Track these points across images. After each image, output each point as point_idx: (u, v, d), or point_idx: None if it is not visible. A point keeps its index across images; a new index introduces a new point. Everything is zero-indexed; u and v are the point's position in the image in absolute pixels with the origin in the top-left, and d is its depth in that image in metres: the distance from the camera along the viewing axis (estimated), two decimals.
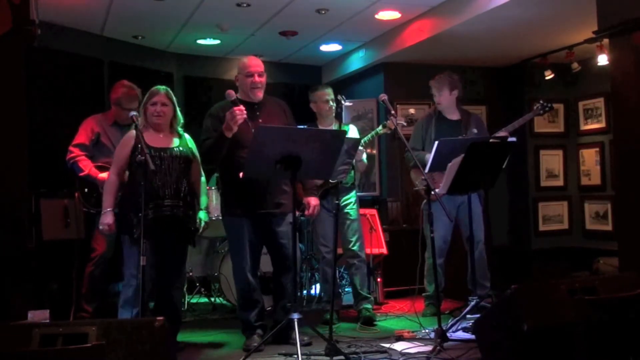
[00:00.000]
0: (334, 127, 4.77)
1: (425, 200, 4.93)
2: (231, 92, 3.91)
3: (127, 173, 3.96)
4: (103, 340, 2.42)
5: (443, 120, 4.98)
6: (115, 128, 4.67)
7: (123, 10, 5.51)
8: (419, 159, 4.57)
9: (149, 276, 3.66)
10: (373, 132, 4.81)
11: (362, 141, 4.82)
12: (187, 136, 4.07)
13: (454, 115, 5.00)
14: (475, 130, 4.89)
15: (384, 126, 4.64)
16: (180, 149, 3.93)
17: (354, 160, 4.60)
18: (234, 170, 3.96)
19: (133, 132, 3.89)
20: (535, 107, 4.99)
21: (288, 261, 3.98)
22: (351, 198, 4.82)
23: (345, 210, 4.77)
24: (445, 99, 4.96)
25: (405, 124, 4.76)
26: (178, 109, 4.01)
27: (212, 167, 5.26)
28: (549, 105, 4.93)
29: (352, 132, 4.85)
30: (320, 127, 4.73)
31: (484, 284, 4.79)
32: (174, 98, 3.99)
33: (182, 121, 4.03)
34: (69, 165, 4.61)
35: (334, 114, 4.77)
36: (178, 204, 3.85)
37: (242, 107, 3.84)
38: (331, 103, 4.72)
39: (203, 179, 4.20)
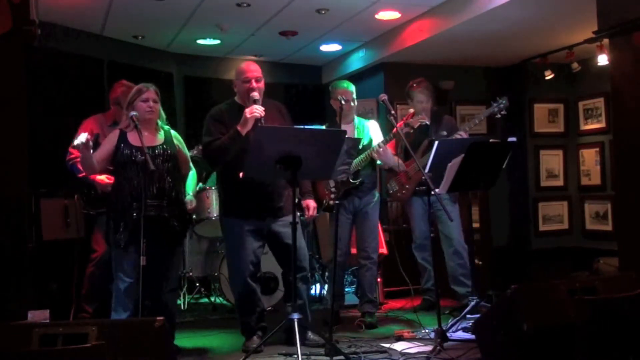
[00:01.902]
0: (357, 123, 4.73)
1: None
2: (255, 94, 3.98)
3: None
4: (103, 340, 2.42)
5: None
6: (115, 128, 4.66)
7: (123, 10, 5.51)
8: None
9: (136, 278, 3.66)
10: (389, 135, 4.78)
11: (382, 140, 4.74)
12: (172, 131, 4.03)
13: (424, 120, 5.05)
14: (444, 133, 4.90)
15: (407, 125, 4.57)
16: (164, 146, 3.88)
17: (378, 161, 4.58)
18: (235, 171, 3.95)
19: (117, 130, 3.87)
20: (491, 104, 4.94)
21: (297, 261, 3.94)
22: (374, 199, 4.77)
23: (366, 210, 4.71)
24: (426, 105, 5.03)
25: (427, 122, 4.71)
26: (160, 107, 3.96)
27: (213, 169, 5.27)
28: (503, 102, 4.88)
29: (374, 128, 4.80)
30: (341, 125, 4.66)
31: (465, 282, 4.85)
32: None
33: (164, 117, 3.98)
34: (68, 166, 4.61)
35: (353, 112, 4.74)
36: (162, 204, 3.77)
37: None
38: (352, 103, 4.67)
39: (193, 171, 4.14)
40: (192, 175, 4.16)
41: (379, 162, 4.70)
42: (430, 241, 4.75)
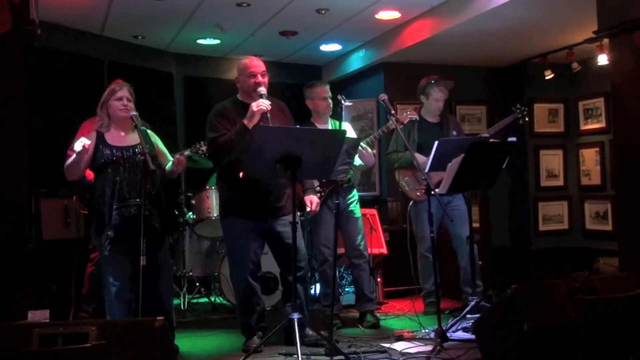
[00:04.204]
0: (330, 125, 4.74)
1: (412, 202, 4.99)
2: (261, 88, 3.99)
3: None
4: (103, 340, 2.42)
5: (424, 124, 5.02)
6: None
7: (123, 10, 5.51)
8: (405, 159, 4.61)
9: (127, 280, 3.67)
10: (375, 133, 4.79)
11: (365, 140, 4.73)
12: (148, 131, 4.01)
13: (434, 119, 5.07)
14: (454, 132, 4.96)
15: (397, 120, 4.45)
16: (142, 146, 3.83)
17: (356, 162, 4.57)
18: (235, 171, 3.95)
19: (94, 132, 3.83)
20: (513, 111, 5.11)
21: (296, 261, 3.93)
22: (354, 197, 4.78)
23: (350, 209, 4.71)
24: (441, 104, 5.03)
25: (417, 117, 4.70)
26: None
27: (211, 167, 5.27)
28: (526, 109, 5.09)
29: (348, 129, 4.80)
30: (317, 126, 4.65)
31: (477, 283, 4.80)
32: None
33: (138, 116, 3.92)
34: None
35: (330, 112, 4.73)
36: (144, 204, 3.71)
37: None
38: (329, 101, 4.68)
39: (171, 159, 4.03)
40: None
41: (357, 163, 4.64)
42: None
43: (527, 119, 5.13)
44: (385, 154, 4.97)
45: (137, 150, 3.80)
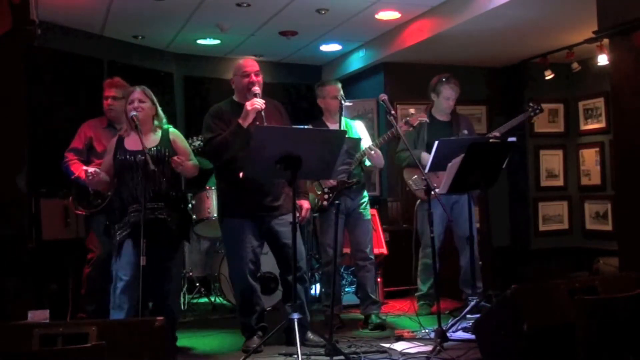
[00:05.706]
0: (343, 124, 4.70)
1: (419, 200, 4.96)
2: (256, 88, 4.00)
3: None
4: (103, 340, 2.42)
5: (435, 122, 4.99)
6: (110, 130, 4.60)
7: (123, 10, 5.50)
8: (416, 158, 4.57)
9: (133, 278, 3.69)
10: (380, 138, 4.77)
11: (373, 143, 4.70)
12: (171, 129, 4.04)
13: (445, 117, 5.03)
14: (465, 132, 4.94)
15: (406, 122, 4.41)
16: (159, 147, 3.88)
17: (366, 163, 4.56)
18: (234, 171, 3.95)
19: (116, 138, 3.93)
20: (526, 109, 5.08)
21: (294, 261, 3.93)
22: (365, 198, 4.76)
23: (360, 210, 4.69)
24: (452, 102, 4.99)
25: (427, 120, 4.66)
26: (159, 108, 3.99)
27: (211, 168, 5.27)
28: (539, 107, 5.06)
29: (360, 127, 4.79)
30: (328, 124, 4.64)
31: (476, 284, 4.79)
32: (153, 96, 3.97)
33: (164, 118, 4.00)
34: (63, 168, 4.61)
35: (342, 111, 4.71)
36: (159, 206, 3.79)
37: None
38: (340, 99, 4.66)
39: (194, 160, 4.08)
40: (195, 162, 4.12)
41: (368, 163, 4.64)
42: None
43: (538, 117, 5.12)
44: (395, 152, 4.95)
45: (152, 152, 3.82)
